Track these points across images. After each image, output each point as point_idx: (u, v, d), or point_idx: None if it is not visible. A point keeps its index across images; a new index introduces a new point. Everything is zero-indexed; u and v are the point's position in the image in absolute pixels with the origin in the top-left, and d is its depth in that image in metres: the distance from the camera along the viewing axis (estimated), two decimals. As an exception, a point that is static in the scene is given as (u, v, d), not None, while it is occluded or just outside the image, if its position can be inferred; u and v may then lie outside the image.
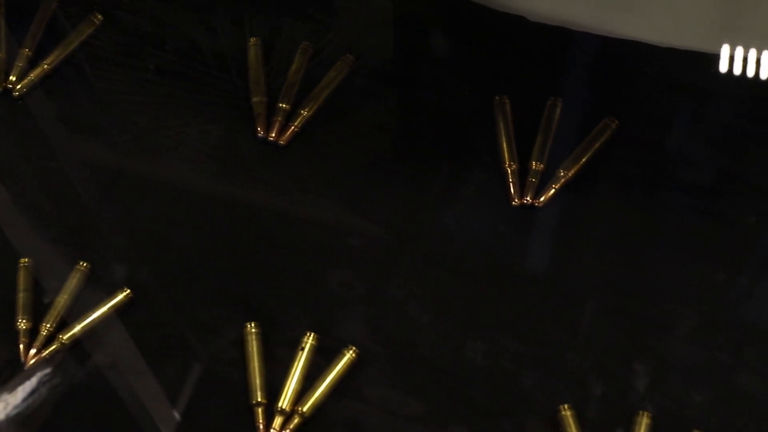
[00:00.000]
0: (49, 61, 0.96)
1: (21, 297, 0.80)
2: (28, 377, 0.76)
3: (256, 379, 0.75)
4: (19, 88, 0.95)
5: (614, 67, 0.93)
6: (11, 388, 0.76)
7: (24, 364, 0.77)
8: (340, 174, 0.88)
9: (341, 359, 0.76)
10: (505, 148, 0.87)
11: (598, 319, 0.78)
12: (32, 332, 0.78)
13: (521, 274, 0.81)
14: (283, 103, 0.91)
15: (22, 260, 0.83)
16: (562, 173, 0.85)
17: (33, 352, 0.77)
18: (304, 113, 0.91)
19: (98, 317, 0.79)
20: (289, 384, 0.75)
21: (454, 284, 0.80)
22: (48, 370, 0.77)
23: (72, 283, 0.81)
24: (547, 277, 0.80)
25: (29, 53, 0.97)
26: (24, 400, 0.75)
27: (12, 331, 0.78)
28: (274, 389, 0.75)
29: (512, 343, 0.77)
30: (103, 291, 0.81)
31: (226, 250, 0.84)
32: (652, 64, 0.92)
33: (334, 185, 0.87)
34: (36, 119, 0.94)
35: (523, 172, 0.85)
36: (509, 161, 0.86)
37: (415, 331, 0.78)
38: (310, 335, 0.77)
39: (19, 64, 0.96)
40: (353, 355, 0.76)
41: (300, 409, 0.73)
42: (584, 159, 0.86)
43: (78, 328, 0.78)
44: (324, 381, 0.75)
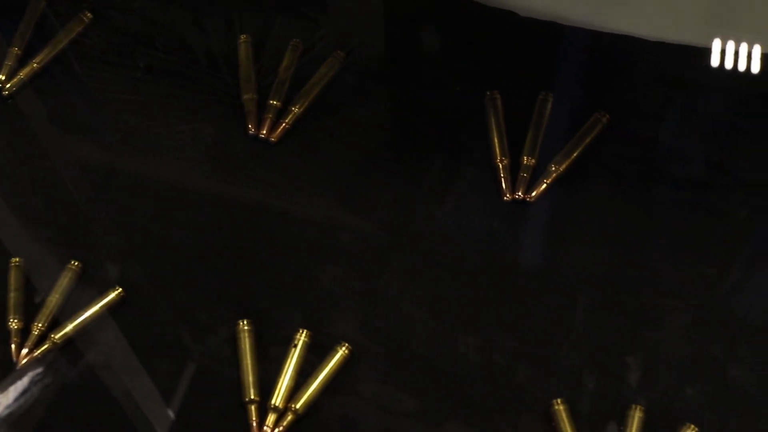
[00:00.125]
0: (39, 59, 0.96)
1: (12, 296, 0.80)
2: (20, 377, 0.76)
3: (249, 377, 0.75)
4: (8, 87, 0.95)
5: (605, 62, 0.93)
6: (3, 388, 0.76)
7: (16, 364, 0.77)
8: (331, 171, 0.88)
9: (334, 356, 0.76)
10: (497, 144, 0.87)
11: (590, 313, 0.78)
12: (24, 332, 0.78)
13: (513, 269, 0.81)
14: (274, 100, 0.91)
15: (14, 259, 0.82)
16: (554, 168, 0.85)
17: (25, 351, 0.77)
18: (295, 110, 0.91)
19: (90, 316, 0.79)
20: (282, 381, 0.75)
21: (446, 280, 0.80)
22: (40, 369, 0.76)
23: (63, 283, 0.80)
24: (539, 272, 0.80)
25: (18, 52, 0.96)
26: (16, 400, 0.75)
27: (3, 331, 0.78)
28: (267, 386, 0.75)
29: (505, 338, 0.77)
30: (95, 290, 0.81)
31: (219, 248, 0.84)
32: (643, 58, 0.93)
33: (326, 182, 0.87)
34: (26, 118, 0.94)
35: (514, 168, 0.85)
36: (500, 156, 0.86)
37: (408, 328, 0.78)
38: (303, 332, 0.77)
39: (9, 62, 0.96)
40: (346, 352, 0.76)
41: (293, 406, 0.73)
42: (575, 154, 0.86)
43: (70, 328, 0.78)
44: (317, 378, 0.75)
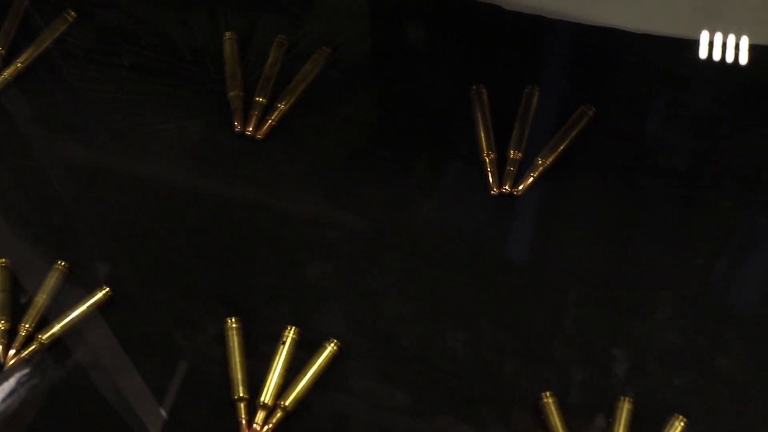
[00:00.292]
0: (23, 59, 0.95)
1: (-1, 297, 0.79)
2: (7, 378, 0.76)
3: (238, 375, 0.75)
4: (-7, 87, 0.94)
5: (591, 55, 0.93)
6: (-9, 390, 0.76)
7: (3, 366, 0.76)
8: (318, 167, 0.87)
9: (323, 352, 0.76)
10: (483, 138, 0.87)
11: (578, 306, 0.78)
12: (11, 333, 0.78)
13: (501, 263, 0.81)
14: (259, 97, 0.91)
15: (0, 260, 0.82)
16: (540, 162, 0.85)
17: (12, 352, 0.77)
18: (281, 107, 0.90)
19: (77, 316, 0.78)
20: (271, 378, 0.75)
21: (434, 275, 0.80)
22: (27, 370, 0.76)
23: (50, 283, 0.80)
24: (526, 266, 0.80)
25: (2, 52, 0.96)
26: (4, 401, 0.75)
27: (-9, 332, 0.78)
28: (256, 384, 0.74)
29: (494, 332, 0.77)
30: (82, 290, 0.80)
31: (206, 245, 0.83)
32: (630, 51, 0.93)
33: (313, 178, 0.87)
34: (11, 118, 0.93)
35: (501, 162, 0.86)
36: (487, 150, 0.86)
37: (396, 323, 0.78)
38: (292, 329, 0.77)
39: (-7, 62, 0.95)
40: (335, 348, 0.76)
41: (282, 403, 0.73)
42: (562, 147, 0.86)
43: (57, 328, 0.78)
44: (306, 375, 0.75)
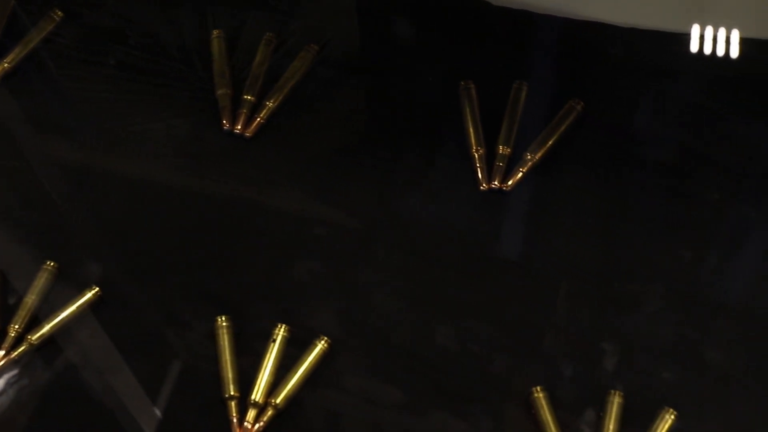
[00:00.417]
0: (10, 59, 0.95)
1: (-12, 299, 0.79)
2: (-3, 379, 0.76)
3: (229, 373, 0.75)
4: (-20, 87, 0.94)
5: (578, 49, 0.93)
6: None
7: (-7, 367, 0.76)
8: (306, 164, 0.87)
9: (313, 350, 0.76)
10: (472, 133, 0.87)
11: (568, 300, 0.78)
12: (0, 334, 0.77)
13: (491, 259, 0.81)
14: (248, 95, 0.90)
15: (-11, 261, 0.82)
16: (529, 157, 0.85)
17: (2, 354, 0.76)
18: (270, 104, 0.90)
19: (67, 317, 0.78)
20: (262, 376, 0.74)
21: (424, 271, 0.80)
22: (16, 371, 0.76)
23: (39, 283, 0.80)
24: (516, 261, 0.81)
25: (-11, 52, 0.96)
26: (-6, 403, 0.75)
27: (-20, 334, 0.78)
28: (248, 382, 0.74)
29: (483, 328, 0.77)
30: (72, 290, 0.80)
31: (196, 244, 0.83)
32: (616, 45, 0.93)
33: (302, 176, 0.87)
34: (-1, 118, 0.94)
35: (490, 157, 0.86)
36: (476, 146, 0.86)
37: (386, 319, 0.78)
38: (282, 327, 0.77)
39: (-20, 63, 0.95)
40: (325, 346, 0.76)
41: (273, 401, 0.73)
42: (550, 142, 0.86)
43: (47, 329, 0.77)
44: (296, 372, 0.75)
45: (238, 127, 0.89)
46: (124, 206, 0.86)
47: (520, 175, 0.85)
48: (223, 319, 0.77)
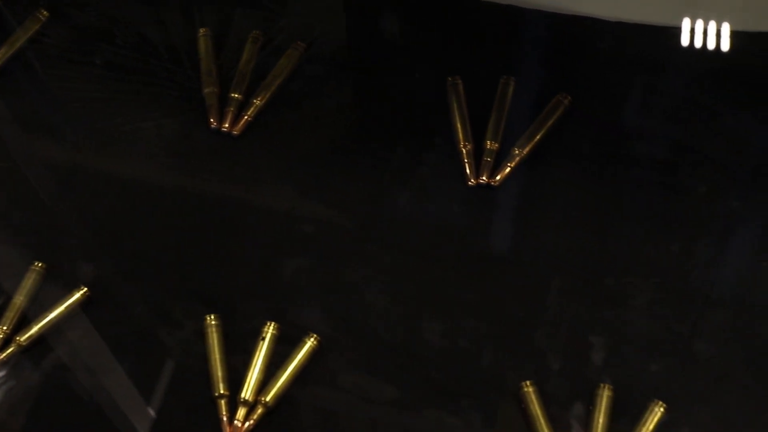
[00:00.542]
0: (-4, 60, 0.95)
1: (-24, 300, 0.79)
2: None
3: (218, 372, 0.75)
4: (-34, 88, 0.94)
5: (566, 44, 0.93)
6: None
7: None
8: (294, 162, 0.87)
9: (302, 347, 0.76)
10: (460, 129, 0.87)
11: (557, 295, 0.78)
12: (-12, 335, 0.77)
13: (480, 254, 0.81)
14: (235, 93, 0.90)
15: (-23, 263, 0.82)
16: (517, 152, 0.85)
17: (-10, 355, 0.77)
18: (257, 102, 0.90)
19: (55, 317, 0.78)
20: (251, 374, 0.74)
21: (413, 267, 0.80)
22: (5, 372, 0.76)
23: (27, 284, 0.80)
24: (505, 256, 0.81)
25: (-26, 53, 0.95)
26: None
27: (-32, 336, 0.77)
28: (238, 380, 0.74)
29: (473, 323, 0.77)
30: (61, 290, 0.80)
31: (185, 243, 0.83)
32: (603, 39, 0.93)
33: (289, 173, 0.87)
34: (-13, 119, 0.93)
35: (478, 152, 0.86)
36: (464, 141, 0.86)
37: (376, 316, 0.78)
38: (271, 325, 0.77)
39: (-35, 64, 0.94)
40: (315, 343, 0.76)
41: (263, 399, 0.73)
42: (538, 137, 0.86)
43: (35, 329, 0.77)
44: (286, 370, 0.75)
45: (226, 126, 0.89)
46: (113, 206, 0.86)
47: (508, 170, 0.85)
48: (213, 317, 0.77)
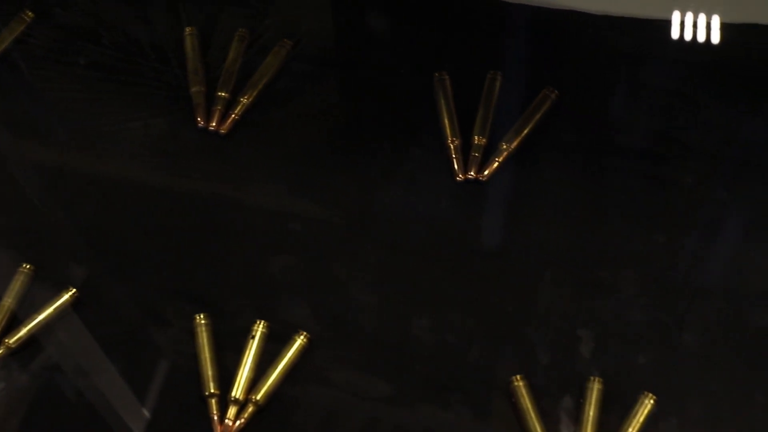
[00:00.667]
0: (-18, 61, 0.95)
1: (-36, 303, 0.79)
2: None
3: (208, 371, 0.75)
4: (-48, 90, 0.93)
5: (552, 38, 0.93)
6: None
7: (-29, 372, 0.76)
8: (281, 160, 0.87)
9: (292, 345, 0.76)
10: (447, 124, 0.87)
11: (545, 288, 0.78)
12: (-23, 338, 0.77)
13: (468, 249, 0.81)
14: (222, 92, 0.90)
15: (-36, 266, 0.81)
16: (504, 146, 0.85)
17: (-21, 358, 0.76)
18: (244, 101, 0.90)
19: (44, 319, 0.78)
20: (242, 373, 0.74)
21: (402, 263, 0.80)
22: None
23: (16, 286, 0.80)
24: (493, 251, 0.81)
25: (-40, 55, 0.95)
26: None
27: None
28: (228, 379, 0.74)
29: (462, 318, 0.77)
30: (50, 291, 0.80)
31: (173, 242, 0.83)
32: (590, 32, 0.93)
33: (277, 171, 0.87)
34: (-28, 121, 0.93)
35: (466, 148, 0.86)
36: (451, 137, 0.86)
37: (365, 313, 0.78)
38: (261, 323, 0.77)
39: (-49, 66, 0.94)
40: (305, 341, 0.76)
41: (253, 397, 0.73)
42: (525, 131, 0.86)
43: (24, 331, 0.77)
44: (276, 368, 0.75)
45: (213, 124, 0.89)
46: (101, 206, 0.86)
47: (496, 165, 0.85)
48: (202, 316, 0.77)
